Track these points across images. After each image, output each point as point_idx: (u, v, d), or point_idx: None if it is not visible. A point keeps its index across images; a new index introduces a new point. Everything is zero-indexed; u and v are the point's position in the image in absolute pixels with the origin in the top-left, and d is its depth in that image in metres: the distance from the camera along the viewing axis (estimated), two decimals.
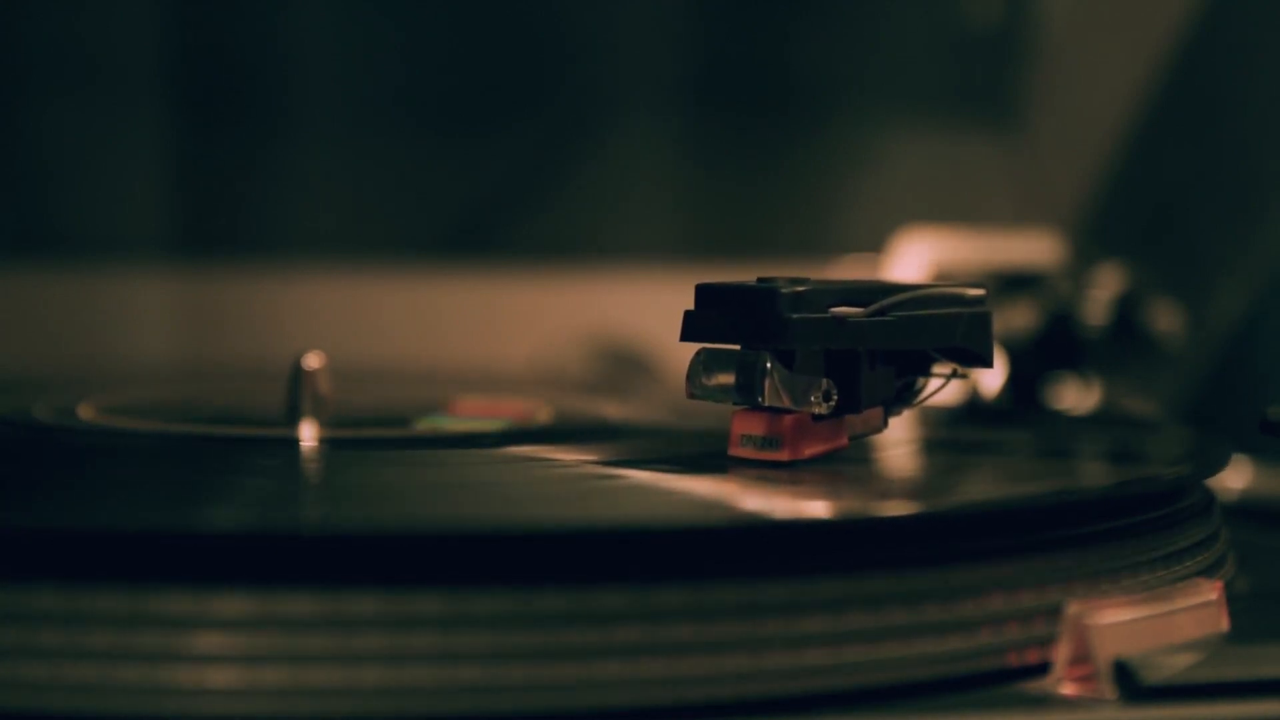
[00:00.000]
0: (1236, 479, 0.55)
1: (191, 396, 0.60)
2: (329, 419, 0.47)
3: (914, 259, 0.67)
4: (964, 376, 0.42)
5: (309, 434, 0.46)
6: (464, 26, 0.81)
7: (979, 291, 0.41)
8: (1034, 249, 0.67)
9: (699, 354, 0.40)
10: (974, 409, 0.59)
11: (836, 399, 0.39)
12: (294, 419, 0.47)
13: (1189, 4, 0.76)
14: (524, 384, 0.65)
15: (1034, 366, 0.62)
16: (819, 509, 0.36)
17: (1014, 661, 0.34)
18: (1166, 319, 0.63)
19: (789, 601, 0.32)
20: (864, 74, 0.84)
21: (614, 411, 0.54)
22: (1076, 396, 0.62)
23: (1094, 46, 0.82)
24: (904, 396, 0.42)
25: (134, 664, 0.30)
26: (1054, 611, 0.34)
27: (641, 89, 0.82)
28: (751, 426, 0.39)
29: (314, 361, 0.47)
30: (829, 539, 0.33)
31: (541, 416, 0.51)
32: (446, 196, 0.82)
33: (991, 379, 0.61)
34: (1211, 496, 0.42)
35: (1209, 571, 0.39)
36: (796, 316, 0.38)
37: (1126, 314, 0.63)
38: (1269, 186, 0.72)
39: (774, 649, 0.32)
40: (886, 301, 0.39)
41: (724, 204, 0.84)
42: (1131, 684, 0.33)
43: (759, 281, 0.39)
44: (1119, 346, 0.63)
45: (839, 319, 0.38)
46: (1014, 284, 0.64)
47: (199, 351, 0.78)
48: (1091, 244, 0.71)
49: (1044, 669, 0.34)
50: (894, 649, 0.33)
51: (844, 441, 0.40)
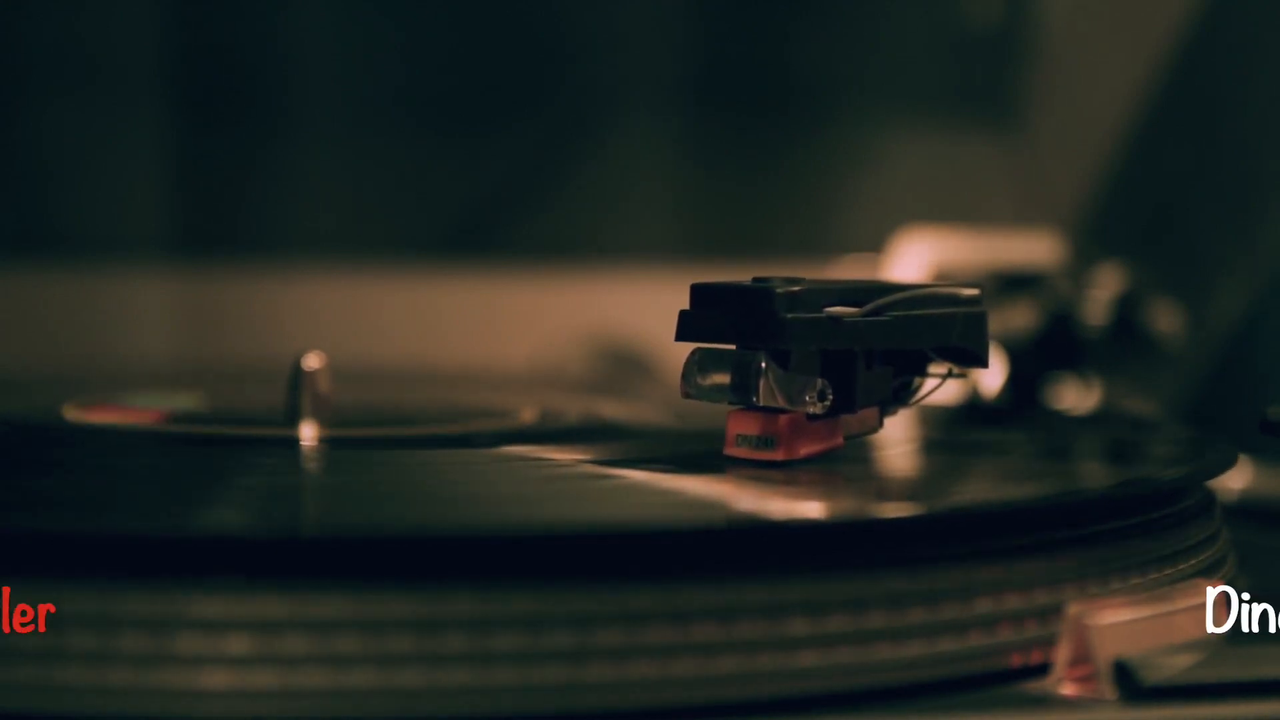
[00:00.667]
0: (1236, 479, 0.55)
1: (191, 396, 0.60)
2: (329, 419, 0.47)
3: (914, 259, 0.67)
4: (960, 376, 0.42)
5: (309, 434, 0.46)
6: (464, 26, 0.81)
7: (974, 291, 0.41)
8: (1034, 249, 0.67)
9: (694, 353, 0.39)
10: (974, 409, 0.59)
11: (832, 399, 0.39)
12: (294, 419, 0.47)
13: (1189, 4, 0.76)
14: (524, 384, 0.65)
15: (1034, 366, 0.62)
16: (814, 510, 0.36)
17: (1014, 662, 0.34)
18: (1166, 319, 0.63)
19: (778, 603, 0.32)
20: (864, 74, 0.84)
21: (613, 411, 0.54)
22: (1076, 396, 0.62)
23: (1094, 46, 0.82)
24: (900, 396, 0.42)
25: (133, 665, 0.30)
26: (1054, 612, 0.34)
27: (641, 89, 0.82)
28: (747, 426, 0.39)
29: (314, 361, 0.47)
30: (826, 540, 0.33)
31: (541, 416, 0.51)
32: (446, 196, 0.82)
33: (991, 379, 0.61)
34: (1212, 497, 0.42)
35: (1209, 572, 0.39)
36: (792, 316, 0.38)
37: (1126, 314, 0.63)
38: (1269, 186, 0.72)
39: (768, 650, 0.32)
40: (882, 301, 0.39)
41: (724, 204, 0.84)
42: (1131, 684, 0.33)
43: (754, 281, 0.39)
44: (1119, 346, 0.63)
45: (835, 319, 0.38)
46: (1014, 284, 0.64)
47: (199, 351, 0.78)
48: (1091, 244, 0.71)
49: (1044, 669, 0.34)
50: (894, 650, 0.33)
51: (839, 441, 0.40)
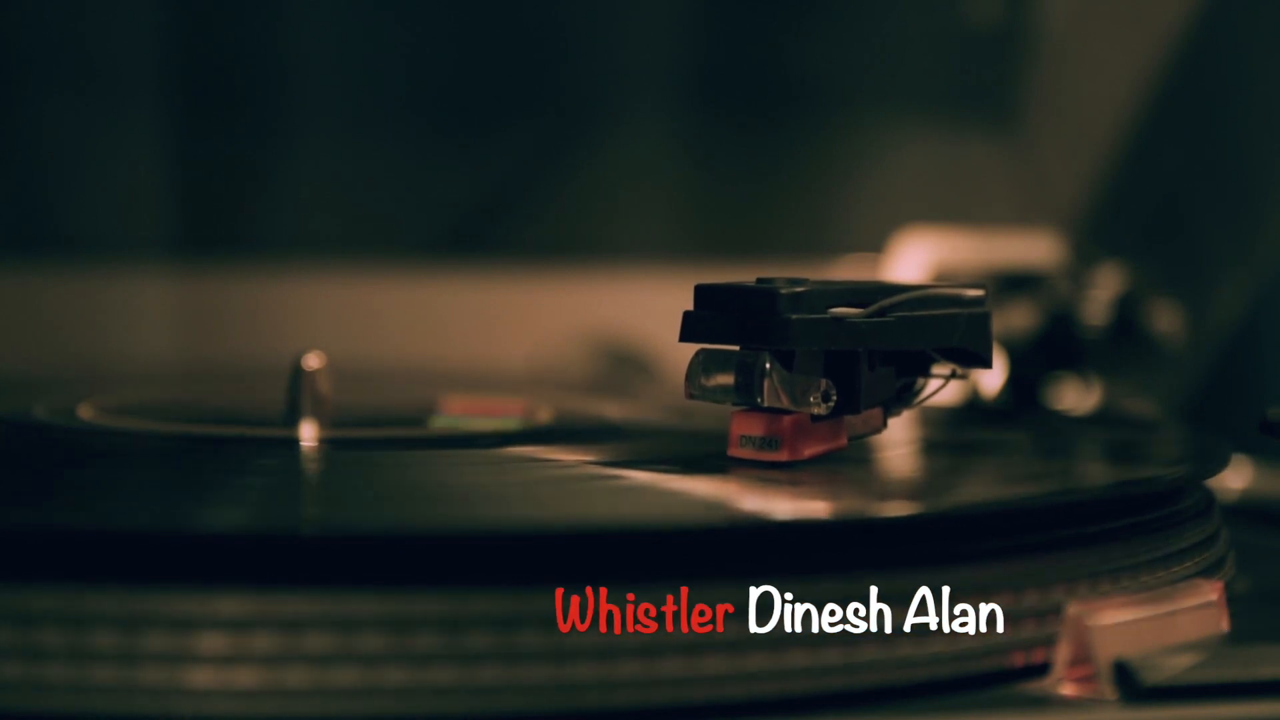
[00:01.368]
0: (1236, 479, 0.55)
1: (191, 396, 0.60)
2: (329, 419, 0.47)
3: (914, 259, 0.67)
4: (963, 377, 0.42)
5: (309, 434, 0.46)
6: (464, 26, 0.81)
7: (978, 292, 0.41)
8: (1034, 249, 0.67)
9: (698, 354, 0.39)
10: (974, 409, 0.59)
11: (835, 399, 0.39)
12: (294, 419, 0.47)
13: (1189, 4, 0.76)
14: (524, 384, 0.65)
15: (1034, 367, 0.62)
16: (818, 509, 0.36)
17: (1014, 662, 0.34)
18: (1166, 319, 0.63)
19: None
20: (864, 74, 0.84)
21: (614, 411, 0.54)
22: (1076, 396, 0.62)
23: (1094, 46, 0.82)
24: (903, 397, 0.42)
25: (133, 665, 0.30)
26: (1054, 612, 0.34)
27: (641, 89, 0.82)
28: (750, 427, 0.39)
29: (314, 361, 0.47)
30: (827, 540, 0.33)
31: (541, 416, 0.51)
32: (446, 196, 0.82)
33: (991, 379, 0.61)
34: (1211, 497, 0.42)
35: (1209, 572, 0.39)
36: (796, 317, 0.38)
37: (1126, 314, 0.63)
38: (1269, 186, 0.72)
39: (766, 650, 0.32)
40: (886, 302, 0.39)
41: (724, 204, 0.84)
42: (1131, 684, 0.33)
43: (758, 282, 0.39)
44: (1119, 347, 0.63)
45: (838, 319, 0.38)
46: (1014, 284, 0.64)
47: (199, 351, 0.78)
48: (1091, 244, 0.71)
49: (1044, 669, 0.34)
50: (893, 649, 0.33)
51: (843, 442, 0.40)
